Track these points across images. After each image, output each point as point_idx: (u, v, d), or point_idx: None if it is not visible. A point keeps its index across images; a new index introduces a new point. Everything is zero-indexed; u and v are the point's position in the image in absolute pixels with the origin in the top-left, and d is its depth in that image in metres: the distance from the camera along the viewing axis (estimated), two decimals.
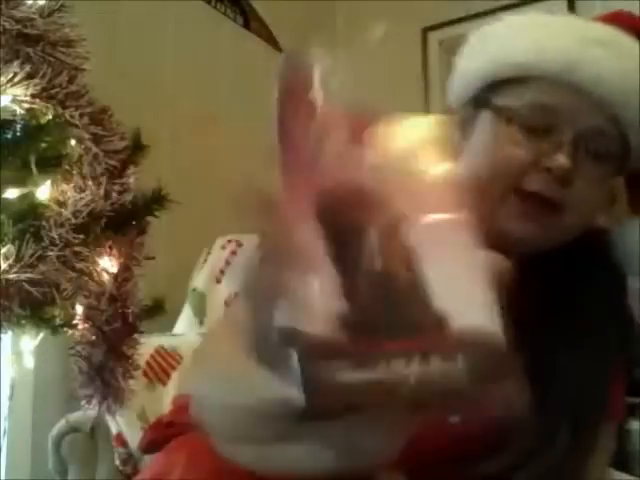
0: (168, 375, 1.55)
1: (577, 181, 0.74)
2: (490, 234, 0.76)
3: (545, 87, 0.77)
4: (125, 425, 1.49)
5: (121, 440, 1.49)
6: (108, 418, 1.48)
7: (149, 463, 1.10)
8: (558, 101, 0.76)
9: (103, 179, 1.02)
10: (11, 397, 1.49)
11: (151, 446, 1.05)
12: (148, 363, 1.52)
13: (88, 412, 1.42)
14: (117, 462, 1.48)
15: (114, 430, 1.50)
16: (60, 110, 0.99)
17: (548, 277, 0.80)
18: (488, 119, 0.80)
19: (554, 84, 0.76)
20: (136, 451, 1.46)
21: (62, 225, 0.97)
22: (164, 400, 1.51)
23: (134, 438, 1.46)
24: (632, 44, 0.78)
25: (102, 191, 1.01)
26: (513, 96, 0.79)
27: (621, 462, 1.94)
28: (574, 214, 0.75)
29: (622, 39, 0.78)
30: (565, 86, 0.75)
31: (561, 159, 0.73)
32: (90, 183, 1.01)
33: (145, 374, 1.51)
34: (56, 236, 0.96)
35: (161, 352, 1.58)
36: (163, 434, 1.02)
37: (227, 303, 1.76)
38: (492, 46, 0.82)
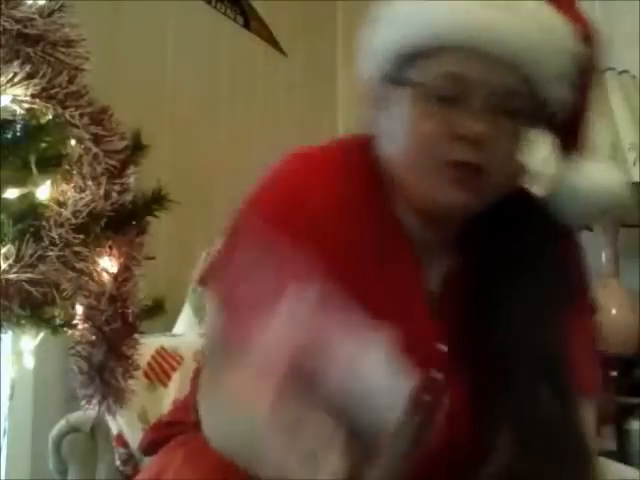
0: (169, 376, 1.55)
1: (495, 141, 0.76)
2: (427, 206, 0.82)
3: (453, 56, 0.78)
4: (126, 426, 1.48)
5: (122, 441, 1.49)
6: (109, 419, 1.48)
7: (148, 464, 1.10)
8: (466, 69, 0.77)
9: (103, 179, 1.02)
10: (11, 397, 1.49)
11: (151, 446, 1.05)
12: (149, 364, 1.51)
13: (88, 412, 1.42)
14: (117, 462, 1.48)
15: (115, 431, 1.49)
16: (60, 110, 0.99)
17: (493, 235, 0.84)
18: (402, 95, 0.80)
19: (460, 52, 0.77)
20: (137, 452, 1.46)
21: (62, 225, 0.97)
22: (165, 401, 1.51)
23: (135, 439, 1.46)
24: (534, 4, 0.79)
25: (102, 191, 1.01)
26: (424, 69, 0.79)
27: (621, 462, 1.93)
28: (499, 172, 0.77)
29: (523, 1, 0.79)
30: (471, 53, 0.77)
31: (474, 126, 0.75)
32: (90, 183, 1.01)
33: (146, 375, 1.51)
34: (56, 236, 0.96)
35: (162, 353, 1.57)
36: (163, 434, 1.02)
37: None
38: (400, 21, 0.82)
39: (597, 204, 0.85)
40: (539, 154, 0.87)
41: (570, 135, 0.87)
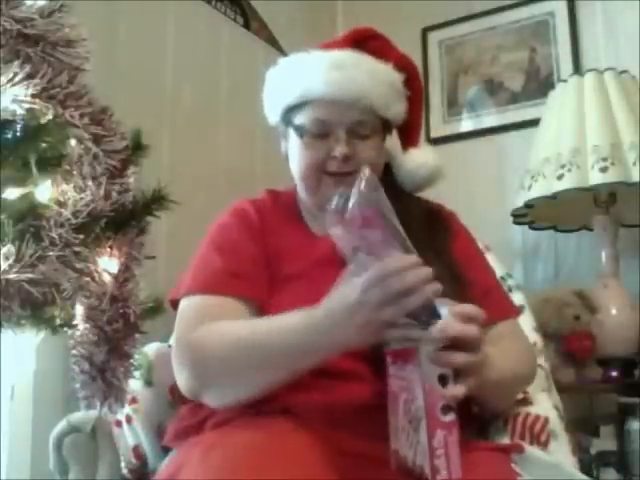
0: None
1: (358, 154, 1.22)
2: (319, 202, 1.28)
3: (317, 106, 1.23)
4: (146, 441, 1.48)
5: (138, 453, 1.48)
6: (127, 430, 1.47)
7: (166, 463, 1.12)
8: (326, 114, 1.23)
9: (103, 179, 1.01)
10: (11, 397, 1.48)
11: (177, 436, 1.19)
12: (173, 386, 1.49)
13: (89, 412, 1.42)
14: (124, 470, 1.47)
15: (131, 442, 1.49)
16: (60, 110, 0.98)
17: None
18: (292, 134, 1.28)
19: (321, 103, 1.22)
20: (151, 464, 1.46)
21: (62, 225, 0.97)
22: None
23: (153, 454, 1.47)
24: (366, 59, 1.24)
25: (102, 191, 1.01)
26: (302, 115, 1.25)
27: (621, 462, 1.93)
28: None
29: (355, 58, 1.24)
30: (328, 102, 1.21)
31: (340, 149, 1.21)
32: (90, 183, 1.00)
33: (171, 392, 1.52)
34: (56, 236, 0.96)
35: None
36: (188, 423, 1.18)
37: None
38: (284, 82, 1.28)
39: (418, 175, 1.32)
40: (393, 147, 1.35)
41: (407, 134, 1.35)
